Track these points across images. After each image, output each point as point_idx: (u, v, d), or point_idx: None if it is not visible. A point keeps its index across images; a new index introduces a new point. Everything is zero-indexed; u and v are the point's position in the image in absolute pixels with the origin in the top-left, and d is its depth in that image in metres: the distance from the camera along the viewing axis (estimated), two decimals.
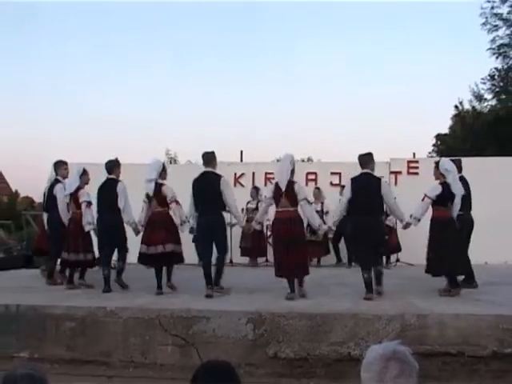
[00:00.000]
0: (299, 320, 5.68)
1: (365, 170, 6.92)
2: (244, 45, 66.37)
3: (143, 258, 7.23)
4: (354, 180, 6.94)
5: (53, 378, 2.23)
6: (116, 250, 7.80)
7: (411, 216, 6.91)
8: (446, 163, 7.06)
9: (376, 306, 6.12)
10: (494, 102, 25.07)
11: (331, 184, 11.76)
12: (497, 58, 23.62)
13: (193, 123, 60.72)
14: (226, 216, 7.49)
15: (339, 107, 61.20)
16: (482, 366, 5.37)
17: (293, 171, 6.88)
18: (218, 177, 7.11)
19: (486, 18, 23.31)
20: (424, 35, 56.18)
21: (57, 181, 8.22)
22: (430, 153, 29.55)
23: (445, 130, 29.95)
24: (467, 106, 27.35)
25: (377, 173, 11.67)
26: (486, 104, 25.75)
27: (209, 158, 7.24)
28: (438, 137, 30.06)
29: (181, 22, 63.51)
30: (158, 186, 7.28)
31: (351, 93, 63.17)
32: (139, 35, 64.07)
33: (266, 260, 11.15)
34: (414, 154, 12.79)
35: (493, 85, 24.36)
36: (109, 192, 7.59)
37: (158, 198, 7.28)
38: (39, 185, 9.15)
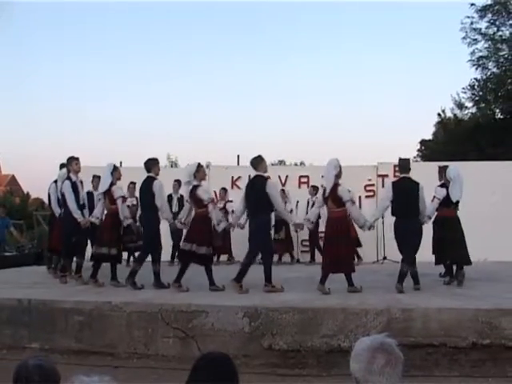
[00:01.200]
0: (292, 314, 5.68)
1: (404, 175, 7.26)
2: (242, 50, 66.61)
3: (187, 256, 7.05)
4: (395, 184, 7.27)
5: (62, 367, 2.22)
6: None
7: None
8: (451, 171, 7.59)
9: (364, 300, 6.13)
10: (474, 110, 25.10)
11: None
12: (476, 69, 23.67)
13: (192, 129, 60.82)
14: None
15: (330, 114, 61.41)
16: (462, 356, 5.39)
17: (337, 175, 7.00)
18: (265, 180, 7.11)
19: (466, 32, 23.37)
20: (412, 48, 56.47)
21: (67, 178, 7.82)
22: (414, 157, 29.53)
23: (428, 136, 29.99)
24: (449, 114, 27.40)
25: (365, 175, 11.90)
26: (466, 112, 25.82)
27: (254, 162, 7.23)
28: (422, 142, 30.07)
29: (179, 27, 63.57)
30: (193, 189, 7.15)
31: (343, 100, 63.39)
32: (140, 40, 64.09)
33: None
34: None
35: (473, 94, 24.39)
36: (144, 190, 7.44)
37: (194, 199, 7.16)
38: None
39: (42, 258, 13.61)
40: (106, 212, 7.78)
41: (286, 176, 12.26)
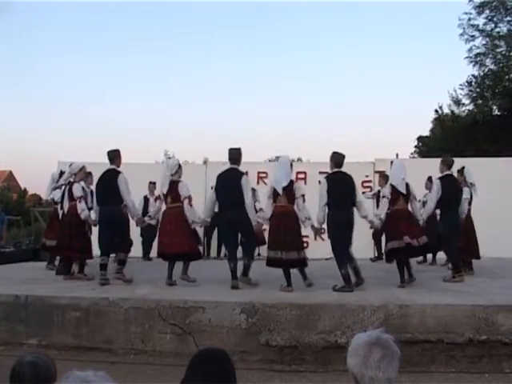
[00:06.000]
0: (289, 310, 5.69)
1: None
2: (240, 46, 66.50)
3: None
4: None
5: (59, 363, 2.22)
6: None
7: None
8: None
9: (361, 297, 6.13)
10: (471, 107, 25.10)
11: (320, 183, 11.74)
12: (474, 65, 23.69)
13: (189, 125, 60.75)
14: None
15: (328, 111, 61.43)
16: (458, 352, 5.40)
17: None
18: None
19: (464, 28, 23.38)
20: (409, 45, 56.48)
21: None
22: (412, 153, 29.59)
23: (426, 133, 29.99)
24: (446, 110, 27.37)
25: (362, 172, 11.89)
26: (463, 108, 25.79)
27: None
28: (420, 139, 30.08)
29: (177, 23, 63.41)
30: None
31: (340, 96, 63.42)
32: (138, 37, 63.95)
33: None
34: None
35: (470, 91, 24.40)
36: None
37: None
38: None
39: (39, 254, 13.60)
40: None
41: None
